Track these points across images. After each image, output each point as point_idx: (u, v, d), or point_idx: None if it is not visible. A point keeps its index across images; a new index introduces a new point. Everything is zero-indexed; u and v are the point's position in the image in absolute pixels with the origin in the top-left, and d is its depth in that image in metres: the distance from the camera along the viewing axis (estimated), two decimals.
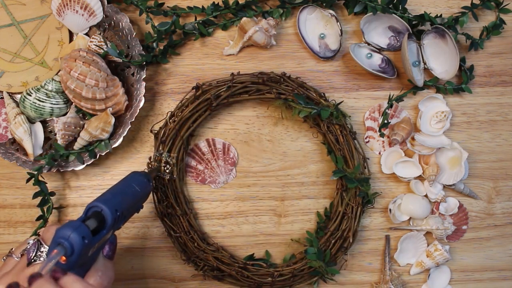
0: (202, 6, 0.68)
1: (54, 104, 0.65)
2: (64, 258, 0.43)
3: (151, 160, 0.64)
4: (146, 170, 0.65)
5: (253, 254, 0.67)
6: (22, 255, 0.49)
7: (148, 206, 0.68)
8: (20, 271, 0.46)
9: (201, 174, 0.58)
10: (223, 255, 0.65)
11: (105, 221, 0.47)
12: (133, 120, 0.64)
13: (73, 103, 0.65)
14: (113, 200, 0.49)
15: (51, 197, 0.65)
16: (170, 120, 0.64)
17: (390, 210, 0.68)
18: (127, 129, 0.64)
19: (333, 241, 0.64)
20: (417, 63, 0.68)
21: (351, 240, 0.65)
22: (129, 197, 0.52)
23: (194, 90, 0.65)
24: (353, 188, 0.64)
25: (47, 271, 0.41)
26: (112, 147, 0.64)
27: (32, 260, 0.46)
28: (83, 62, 0.62)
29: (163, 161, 0.64)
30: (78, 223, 0.44)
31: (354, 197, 0.64)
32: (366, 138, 0.69)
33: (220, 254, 0.65)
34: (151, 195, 0.66)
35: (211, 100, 0.64)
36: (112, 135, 0.65)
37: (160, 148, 0.64)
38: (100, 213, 0.47)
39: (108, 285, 0.49)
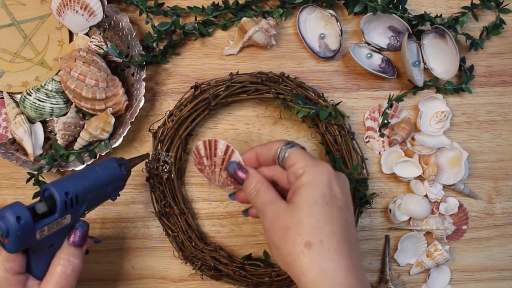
0: (202, 6, 0.68)
1: (54, 104, 0.65)
2: (5, 239, 0.44)
3: (149, 159, 0.64)
4: (145, 170, 0.65)
5: (251, 254, 0.67)
6: None
7: (147, 206, 0.68)
8: None
9: (202, 165, 0.57)
10: (221, 255, 0.65)
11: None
12: (133, 120, 0.64)
13: (73, 103, 0.65)
14: (66, 183, 0.48)
15: None
16: (169, 120, 0.64)
17: (390, 210, 0.68)
18: (127, 129, 0.64)
19: None
20: (417, 63, 0.68)
21: None
22: (88, 180, 0.50)
23: (192, 89, 0.65)
24: (351, 188, 0.64)
25: None
26: (112, 147, 0.64)
27: None
28: (83, 62, 0.62)
29: (161, 160, 0.64)
30: (15, 203, 0.44)
31: (352, 198, 0.64)
32: (366, 138, 0.69)
33: (217, 253, 0.65)
34: (149, 194, 0.66)
35: (209, 100, 0.64)
36: (112, 135, 0.65)
37: (159, 147, 0.64)
38: (53, 197, 0.47)
39: (72, 273, 0.50)
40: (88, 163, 0.65)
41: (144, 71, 0.65)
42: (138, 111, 0.64)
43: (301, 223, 0.46)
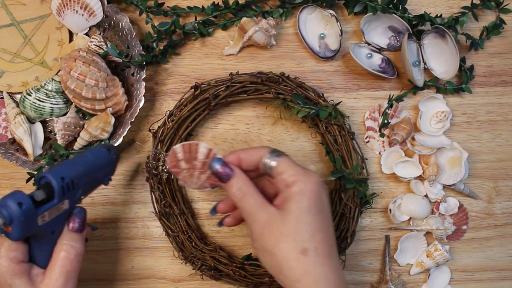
0: (202, 6, 0.68)
1: (54, 104, 0.65)
2: (9, 227, 0.46)
3: (149, 159, 0.64)
4: (145, 170, 0.65)
5: (251, 254, 0.67)
6: None
7: (147, 206, 0.68)
8: None
9: (178, 168, 0.57)
10: (221, 255, 0.65)
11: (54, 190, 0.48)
12: (133, 120, 0.64)
13: (73, 103, 0.65)
14: (60, 168, 0.50)
15: None
16: (169, 120, 0.64)
17: (390, 210, 0.68)
18: (127, 129, 0.64)
19: None
20: (417, 63, 0.68)
21: (349, 241, 0.65)
22: (81, 165, 0.52)
23: (192, 89, 0.65)
24: (351, 188, 0.64)
25: None
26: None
27: None
28: (83, 62, 0.62)
29: (161, 160, 0.64)
30: (14, 192, 0.46)
31: (352, 198, 0.64)
32: (366, 138, 0.69)
33: (217, 254, 0.65)
34: (149, 194, 0.66)
35: (209, 100, 0.64)
36: (112, 135, 0.65)
37: (159, 147, 0.64)
38: (50, 184, 0.48)
39: (76, 257, 0.52)
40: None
41: (144, 71, 0.65)
42: (138, 111, 0.64)
43: (297, 231, 0.48)
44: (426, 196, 0.68)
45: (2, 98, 0.67)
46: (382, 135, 0.67)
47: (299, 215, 0.48)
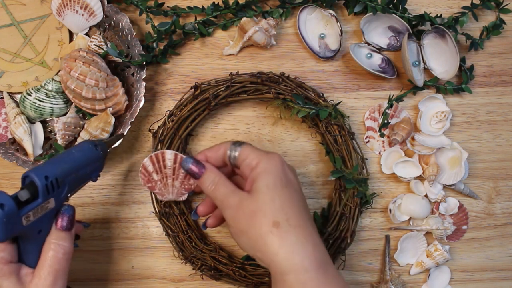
0: (202, 6, 0.68)
1: (54, 104, 0.65)
2: None
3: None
4: None
5: None
6: None
7: (147, 206, 0.68)
8: None
9: (152, 182, 0.58)
10: (221, 255, 0.65)
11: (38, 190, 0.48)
12: (133, 120, 0.64)
13: (73, 103, 0.65)
14: (44, 167, 0.49)
15: None
16: (169, 120, 0.64)
17: (390, 210, 0.68)
18: (127, 129, 0.64)
19: (331, 242, 0.64)
20: (417, 63, 0.68)
21: (348, 241, 0.65)
22: (66, 163, 0.51)
23: (192, 89, 0.65)
24: (351, 188, 0.64)
25: None
26: (112, 147, 0.64)
27: None
28: (83, 62, 0.62)
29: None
30: None
31: (352, 198, 0.64)
32: (366, 138, 0.69)
33: (217, 254, 0.65)
34: (149, 194, 0.66)
35: (209, 100, 0.64)
36: (112, 135, 0.65)
37: (159, 147, 0.64)
38: (34, 183, 0.48)
39: (64, 256, 0.51)
40: None
41: (144, 71, 0.65)
42: (138, 111, 0.64)
43: (266, 206, 0.49)
44: (426, 196, 0.68)
45: (2, 98, 0.67)
46: (382, 135, 0.67)
47: (266, 192, 0.50)
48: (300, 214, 0.50)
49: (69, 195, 0.53)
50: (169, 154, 0.57)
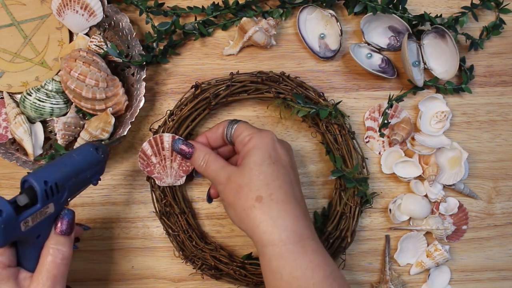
0: (202, 6, 0.68)
1: (54, 104, 0.65)
2: None
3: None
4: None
5: (251, 253, 0.67)
6: None
7: (147, 206, 0.68)
8: None
9: (151, 165, 0.59)
10: (221, 254, 0.65)
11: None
12: (133, 120, 0.64)
13: (73, 103, 0.65)
14: (43, 172, 0.48)
15: None
16: (169, 119, 0.65)
17: (390, 210, 0.68)
18: (127, 129, 0.64)
19: (331, 241, 0.64)
20: (417, 63, 0.68)
21: (349, 240, 0.65)
22: (65, 167, 0.50)
23: (193, 89, 0.65)
24: (352, 188, 0.64)
25: None
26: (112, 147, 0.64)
27: None
28: (83, 62, 0.62)
29: None
30: None
31: (353, 197, 0.64)
32: (366, 138, 0.69)
33: (218, 253, 0.65)
34: (149, 194, 0.66)
35: (210, 99, 0.64)
36: (112, 135, 0.65)
37: None
38: (33, 188, 0.47)
39: (62, 261, 0.51)
40: None
41: (144, 71, 0.65)
42: (138, 111, 0.64)
43: (252, 181, 0.52)
44: (426, 196, 0.68)
45: (2, 98, 0.67)
46: (382, 135, 0.67)
47: (253, 167, 0.52)
48: (284, 190, 0.52)
49: (68, 199, 0.52)
50: (167, 137, 0.60)
